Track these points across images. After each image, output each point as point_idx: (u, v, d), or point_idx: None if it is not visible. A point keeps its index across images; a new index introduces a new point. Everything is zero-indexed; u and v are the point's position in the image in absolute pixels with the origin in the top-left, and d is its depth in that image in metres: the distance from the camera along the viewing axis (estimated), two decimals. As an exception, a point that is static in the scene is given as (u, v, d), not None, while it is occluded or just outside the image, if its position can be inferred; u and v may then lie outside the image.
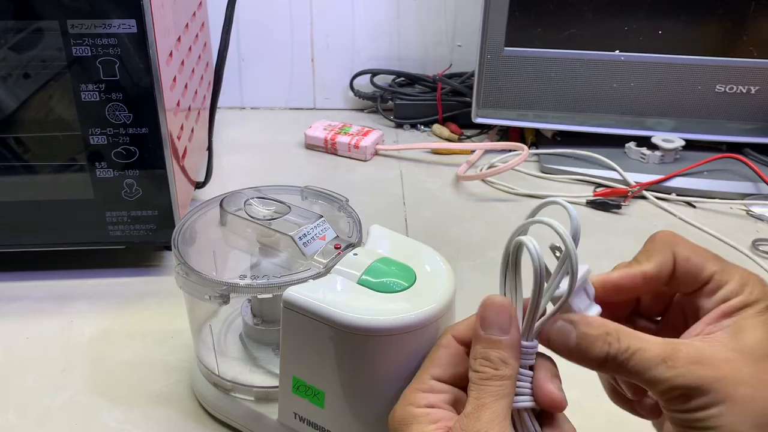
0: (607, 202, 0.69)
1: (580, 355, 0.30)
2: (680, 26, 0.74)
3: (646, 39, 0.74)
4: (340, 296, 0.35)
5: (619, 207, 0.69)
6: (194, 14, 0.69)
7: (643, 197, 0.72)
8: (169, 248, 0.60)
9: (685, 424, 0.28)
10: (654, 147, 0.76)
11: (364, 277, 0.36)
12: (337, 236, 0.40)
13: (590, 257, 0.60)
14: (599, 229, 0.66)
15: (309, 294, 0.35)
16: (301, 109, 0.96)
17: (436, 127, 0.87)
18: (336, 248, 0.39)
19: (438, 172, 0.77)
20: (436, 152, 0.82)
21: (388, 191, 0.73)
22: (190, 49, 0.64)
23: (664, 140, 0.76)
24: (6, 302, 0.54)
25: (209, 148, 0.66)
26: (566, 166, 0.76)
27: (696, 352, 0.28)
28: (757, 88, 0.75)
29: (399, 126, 0.90)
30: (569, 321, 0.30)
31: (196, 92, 0.67)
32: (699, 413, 0.27)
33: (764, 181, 0.71)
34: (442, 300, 0.35)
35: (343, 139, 0.81)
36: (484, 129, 0.86)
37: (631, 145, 0.77)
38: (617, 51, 0.75)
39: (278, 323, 0.36)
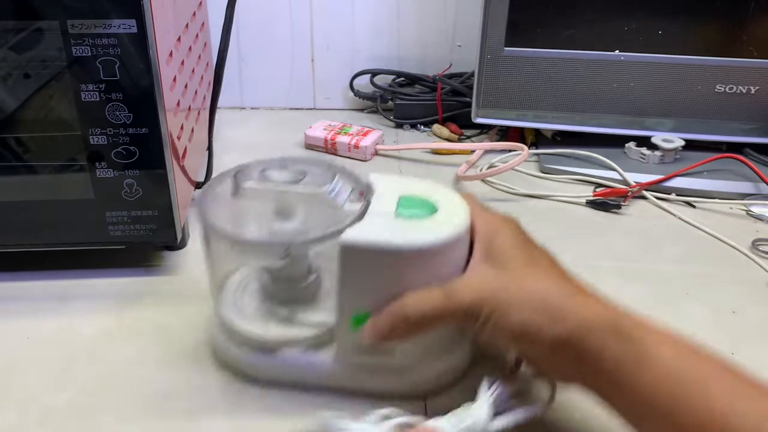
0: (607, 202, 0.69)
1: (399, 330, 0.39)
2: (680, 26, 0.74)
3: (646, 39, 0.74)
4: (390, 229, 0.40)
5: (618, 207, 0.69)
6: (194, 14, 0.69)
7: (643, 197, 0.72)
8: (169, 248, 0.60)
9: (485, 339, 0.39)
10: (654, 147, 0.76)
11: (399, 210, 0.41)
12: (354, 187, 0.44)
13: (590, 257, 0.61)
14: (599, 229, 0.66)
15: (365, 233, 0.39)
16: (301, 109, 0.96)
17: (436, 127, 0.87)
18: (360, 195, 0.43)
19: (438, 172, 0.77)
20: (436, 152, 0.82)
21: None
22: (190, 49, 0.64)
23: (664, 140, 0.76)
24: (6, 302, 0.54)
25: (209, 148, 0.66)
26: (566, 166, 0.76)
27: (459, 281, 0.38)
28: (756, 88, 0.75)
29: (399, 126, 0.90)
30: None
31: (196, 92, 0.67)
32: (486, 324, 0.37)
33: (764, 181, 0.71)
34: (465, 219, 0.41)
35: (343, 139, 0.81)
36: (484, 129, 0.86)
37: (631, 145, 0.78)
38: (617, 51, 0.75)
39: (290, 282, 0.43)
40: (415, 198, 0.43)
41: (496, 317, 0.36)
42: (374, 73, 0.92)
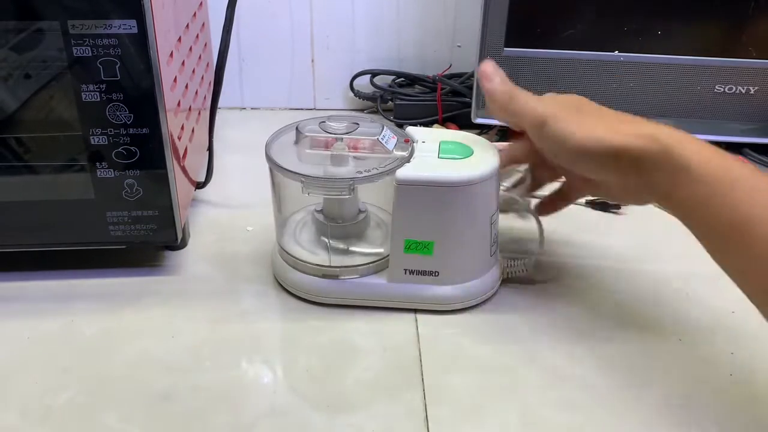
0: (607, 202, 0.69)
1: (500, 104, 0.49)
2: (680, 26, 0.74)
3: (646, 39, 0.74)
4: (434, 167, 0.49)
5: (618, 207, 0.69)
6: (195, 14, 0.69)
7: (643, 197, 0.72)
8: (169, 248, 0.60)
9: (545, 143, 0.47)
10: (653, 147, 0.76)
11: (441, 153, 0.50)
12: (400, 136, 0.53)
13: (590, 257, 0.61)
14: (599, 229, 0.66)
15: (416, 171, 0.48)
16: (302, 109, 0.96)
17: (436, 127, 0.87)
18: (406, 142, 0.52)
19: (438, 172, 0.77)
20: (436, 152, 0.82)
21: (388, 191, 0.73)
22: (190, 49, 0.64)
23: (664, 140, 0.76)
24: (6, 302, 0.54)
25: (210, 148, 0.66)
26: (566, 166, 0.76)
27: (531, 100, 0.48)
28: (756, 88, 0.75)
29: (399, 126, 0.90)
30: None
31: (196, 92, 0.67)
32: (549, 133, 0.46)
33: (763, 182, 0.71)
34: (496, 159, 0.51)
35: (343, 139, 0.81)
36: (483, 129, 0.86)
37: (631, 145, 0.77)
38: (617, 51, 0.75)
39: (343, 220, 0.54)
40: (453, 143, 0.52)
41: (557, 126, 0.46)
42: (374, 74, 0.92)
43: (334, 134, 0.51)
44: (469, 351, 0.49)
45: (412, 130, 0.54)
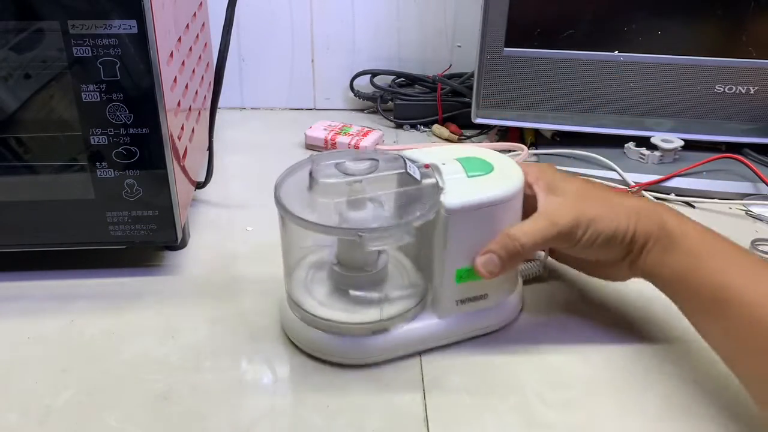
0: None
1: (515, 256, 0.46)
2: (680, 26, 0.74)
3: (646, 39, 0.74)
4: (479, 187, 0.46)
5: (618, 207, 0.69)
6: (194, 14, 0.69)
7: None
8: (169, 248, 0.60)
9: (583, 249, 0.46)
10: (653, 147, 0.76)
11: (468, 173, 0.47)
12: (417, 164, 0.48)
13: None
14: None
15: (465, 196, 0.45)
16: (301, 109, 0.96)
17: (436, 127, 0.87)
18: (426, 167, 0.47)
19: (438, 173, 0.77)
20: (435, 152, 0.82)
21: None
22: (190, 49, 0.64)
23: (663, 140, 0.76)
24: (7, 302, 0.54)
25: (210, 148, 0.66)
26: (566, 166, 0.76)
27: (550, 210, 0.46)
28: (756, 88, 0.75)
29: (399, 126, 0.90)
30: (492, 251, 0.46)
31: (196, 92, 0.67)
32: (583, 237, 0.45)
33: (763, 182, 0.71)
34: (519, 168, 0.49)
35: (343, 139, 0.81)
36: (483, 129, 0.86)
37: (631, 145, 0.78)
38: (617, 51, 0.75)
39: (354, 269, 0.48)
40: (470, 159, 0.48)
41: (592, 228, 0.45)
42: (374, 74, 0.92)
43: (357, 176, 0.45)
44: (469, 349, 0.49)
45: (416, 154, 0.49)
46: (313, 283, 0.50)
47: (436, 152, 0.50)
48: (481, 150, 0.51)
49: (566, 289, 0.56)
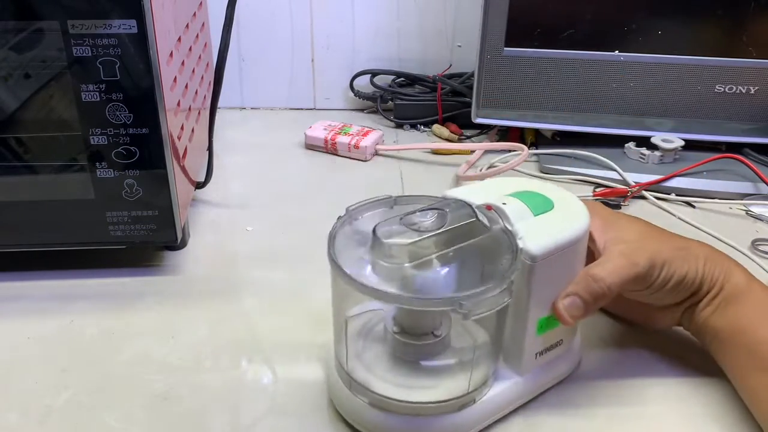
0: (607, 202, 0.69)
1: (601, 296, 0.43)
2: (680, 26, 0.74)
3: (646, 39, 0.74)
4: (550, 228, 0.41)
5: (618, 207, 0.69)
6: (194, 14, 0.69)
7: (643, 197, 0.72)
8: (169, 248, 0.60)
9: (653, 291, 0.44)
10: (653, 147, 0.76)
11: (533, 211, 0.42)
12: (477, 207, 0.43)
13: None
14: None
15: (546, 239, 0.40)
16: (301, 109, 0.96)
17: (436, 127, 0.87)
18: (488, 209, 0.42)
19: (438, 172, 0.77)
20: (436, 152, 0.82)
21: (388, 191, 0.73)
22: (190, 49, 0.64)
23: (664, 140, 0.76)
24: (7, 302, 0.54)
25: (209, 148, 0.66)
26: (566, 166, 0.76)
27: (630, 251, 0.43)
28: (756, 88, 0.75)
29: (399, 126, 0.90)
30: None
31: (196, 92, 0.67)
32: (657, 279, 0.43)
33: (763, 181, 0.71)
34: (580, 202, 0.44)
35: (343, 139, 0.81)
36: (483, 129, 0.86)
37: (631, 145, 0.78)
38: (617, 51, 0.75)
39: (421, 335, 0.41)
40: (529, 195, 0.43)
41: (666, 270, 0.43)
42: (374, 74, 0.92)
43: (428, 232, 0.39)
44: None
45: (461, 193, 0.44)
46: (364, 352, 0.43)
47: (480, 190, 0.44)
48: (528, 181, 0.46)
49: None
